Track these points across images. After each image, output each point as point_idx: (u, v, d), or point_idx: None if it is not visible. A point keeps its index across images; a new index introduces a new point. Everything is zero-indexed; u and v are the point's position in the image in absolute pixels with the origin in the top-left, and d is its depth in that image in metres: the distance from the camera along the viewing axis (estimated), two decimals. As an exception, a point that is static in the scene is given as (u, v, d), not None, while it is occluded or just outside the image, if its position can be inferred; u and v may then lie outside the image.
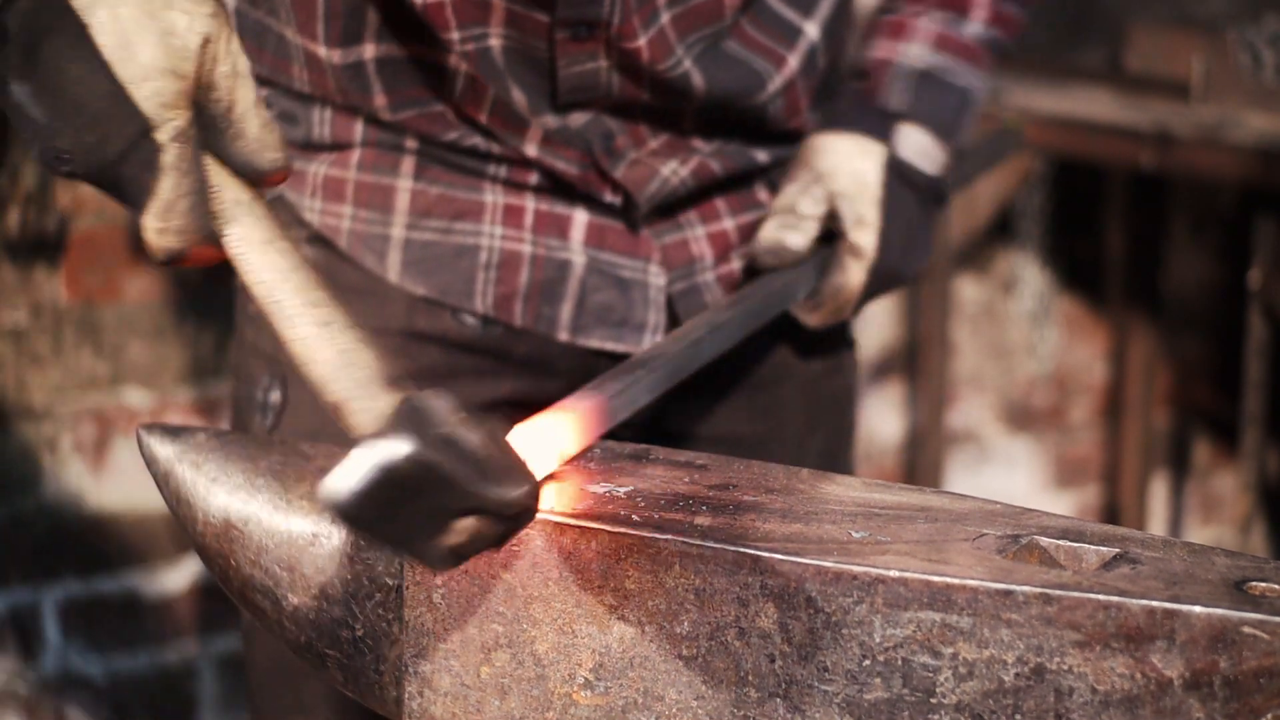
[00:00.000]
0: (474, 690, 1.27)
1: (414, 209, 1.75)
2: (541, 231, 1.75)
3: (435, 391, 1.20)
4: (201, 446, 1.45)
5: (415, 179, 1.74)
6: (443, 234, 1.75)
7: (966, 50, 1.85)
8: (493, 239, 1.75)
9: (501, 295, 1.75)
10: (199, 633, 2.81)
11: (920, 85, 1.83)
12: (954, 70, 1.84)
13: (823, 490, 1.31)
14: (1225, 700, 1.11)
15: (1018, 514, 1.26)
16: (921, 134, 1.83)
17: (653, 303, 1.78)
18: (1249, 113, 3.23)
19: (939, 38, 1.84)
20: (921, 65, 1.83)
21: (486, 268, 1.75)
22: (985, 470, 3.71)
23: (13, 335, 2.60)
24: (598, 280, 1.76)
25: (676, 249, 1.78)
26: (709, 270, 1.80)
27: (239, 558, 1.39)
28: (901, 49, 1.84)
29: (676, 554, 1.21)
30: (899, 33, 1.85)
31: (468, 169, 1.74)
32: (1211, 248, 3.80)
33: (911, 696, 1.17)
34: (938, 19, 1.85)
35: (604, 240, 1.76)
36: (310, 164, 1.76)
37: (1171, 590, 1.13)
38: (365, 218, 1.75)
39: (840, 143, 1.80)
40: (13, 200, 2.52)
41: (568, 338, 1.76)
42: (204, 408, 2.75)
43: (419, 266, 1.75)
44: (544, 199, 1.75)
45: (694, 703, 1.22)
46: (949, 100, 1.84)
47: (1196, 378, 3.85)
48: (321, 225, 1.76)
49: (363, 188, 1.75)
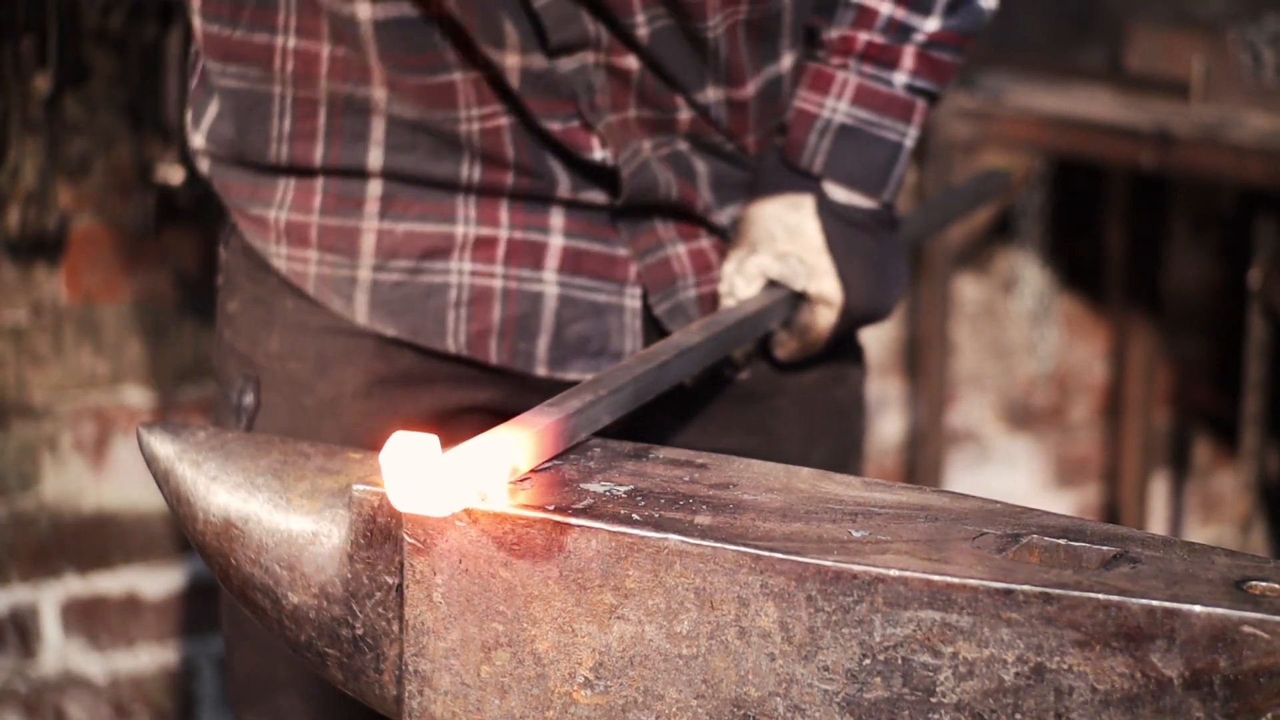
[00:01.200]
0: (474, 689, 1.27)
1: (380, 250, 1.71)
2: (514, 262, 1.72)
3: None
4: (202, 445, 1.45)
5: (380, 218, 1.71)
6: (411, 274, 1.72)
7: (893, 102, 1.77)
8: (462, 275, 1.71)
9: (475, 333, 1.72)
10: (199, 632, 2.81)
11: (837, 142, 1.77)
12: (879, 122, 1.77)
13: (823, 490, 1.31)
14: (1225, 699, 1.11)
15: (1018, 513, 1.26)
16: (839, 189, 1.78)
17: (628, 328, 1.75)
18: (1249, 113, 3.23)
19: (860, 91, 1.76)
20: (839, 120, 1.77)
21: (457, 305, 1.72)
22: (985, 470, 3.71)
23: (13, 334, 2.60)
24: (572, 311, 1.73)
25: (659, 268, 1.76)
26: (691, 288, 1.77)
27: (239, 556, 1.39)
28: (821, 102, 1.77)
29: (677, 553, 1.21)
30: (821, 84, 1.77)
31: (438, 182, 1.70)
32: (1211, 248, 3.80)
33: (912, 696, 1.17)
34: (861, 71, 1.77)
35: (580, 264, 1.73)
36: (270, 208, 1.74)
37: (1171, 590, 1.13)
38: (331, 261, 1.73)
39: (768, 207, 1.77)
40: (13, 199, 2.52)
41: (546, 372, 1.74)
42: (204, 407, 2.75)
43: (387, 308, 1.72)
44: (519, 210, 1.71)
45: (694, 702, 1.22)
46: (873, 156, 1.77)
47: (1196, 377, 3.85)
48: (289, 271, 1.74)
49: (327, 231, 1.72)
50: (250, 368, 1.77)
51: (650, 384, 1.51)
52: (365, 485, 1.32)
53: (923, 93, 1.78)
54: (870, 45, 1.75)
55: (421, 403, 1.73)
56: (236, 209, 1.76)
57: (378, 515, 1.31)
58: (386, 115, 1.68)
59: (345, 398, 1.74)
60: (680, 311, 1.76)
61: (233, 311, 1.80)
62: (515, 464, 1.30)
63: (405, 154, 1.69)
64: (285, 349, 1.75)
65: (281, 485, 1.39)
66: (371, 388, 1.73)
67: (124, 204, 2.63)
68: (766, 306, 1.72)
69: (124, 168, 2.62)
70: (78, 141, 2.59)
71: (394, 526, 1.30)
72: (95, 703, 2.73)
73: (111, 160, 2.62)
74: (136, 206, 2.62)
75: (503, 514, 1.25)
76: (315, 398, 1.74)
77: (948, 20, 1.77)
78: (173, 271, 2.70)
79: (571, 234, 1.73)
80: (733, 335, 1.67)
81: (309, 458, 1.42)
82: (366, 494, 1.32)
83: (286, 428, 1.74)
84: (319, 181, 1.72)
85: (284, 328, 1.75)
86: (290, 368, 1.75)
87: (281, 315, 1.75)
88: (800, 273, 1.74)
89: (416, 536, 1.27)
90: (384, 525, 1.31)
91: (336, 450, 1.44)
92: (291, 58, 1.68)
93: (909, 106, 1.77)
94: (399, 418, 1.70)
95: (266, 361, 1.76)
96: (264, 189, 1.73)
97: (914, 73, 1.77)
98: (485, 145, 1.68)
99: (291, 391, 1.75)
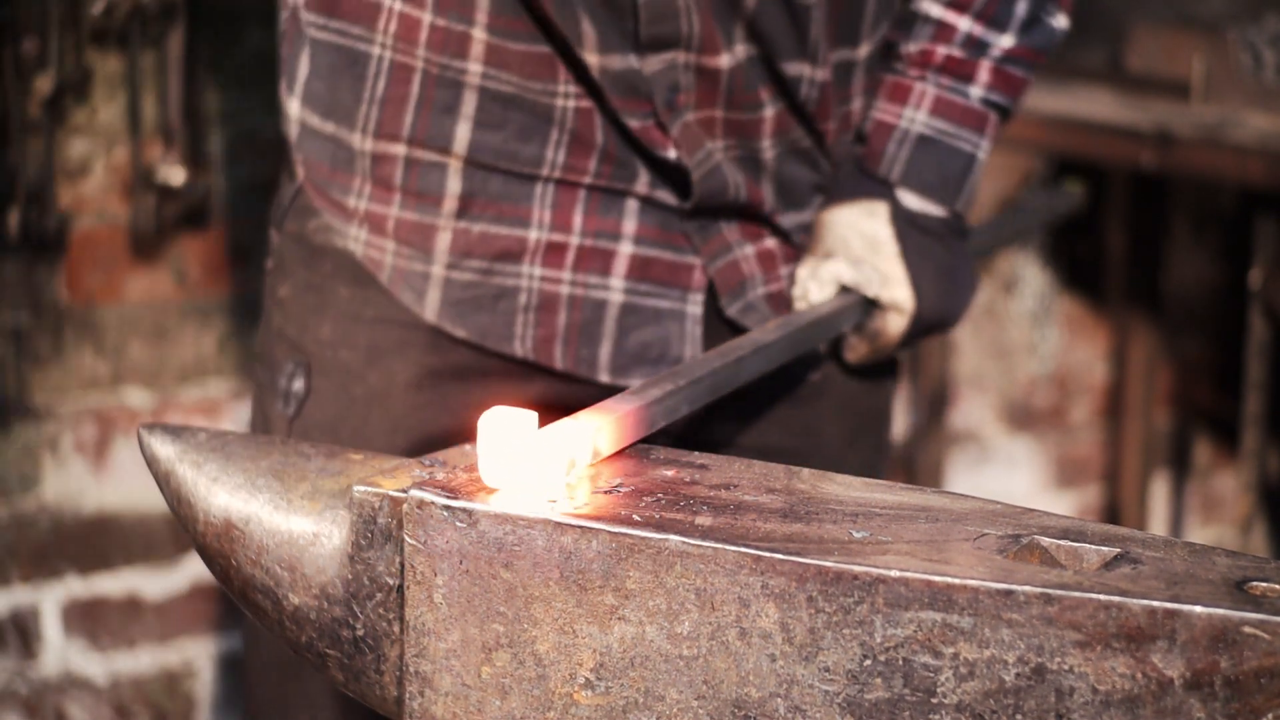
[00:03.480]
0: (475, 690, 1.27)
1: (455, 249, 1.73)
2: (582, 268, 1.74)
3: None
4: (202, 446, 1.45)
5: (458, 218, 1.73)
6: (484, 275, 1.74)
7: (970, 114, 1.82)
8: (532, 280, 1.74)
9: (541, 338, 1.75)
10: (199, 633, 2.81)
11: (916, 151, 1.81)
12: (956, 133, 1.82)
13: (823, 490, 1.31)
14: (1226, 700, 1.11)
15: (1018, 514, 1.26)
16: (915, 197, 1.82)
17: (688, 335, 1.78)
18: (1249, 113, 3.23)
19: (939, 102, 1.82)
20: (918, 130, 1.81)
21: (526, 310, 1.75)
22: (986, 470, 3.71)
23: (13, 335, 2.60)
24: (634, 319, 1.76)
25: (728, 270, 1.79)
26: (760, 286, 1.81)
27: (240, 557, 1.39)
28: (900, 112, 1.82)
29: (677, 554, 1.21)
30: (899, 95, 1.83)
31: (521, 167, 1.72)
32: (1211, 248, 3.80)
33: (912, 696, 1.17)
34: (939, 83, 1.82)
35: (646, 271, 1.76)
36: (349, 195, 1.75)
37: (1172, 590, 1.13)
38: (407, 254, 1.75)
39: (844, 213, 1.81)
40: (13, 200, 2.52)
41: (608, 379, 1.77)
42: (205, 408, 2.75)
43: (457, 308, 1.74)
44: (594, 208, 1.74)
45: (695, 702, 1.22)
46: (948, 164, 1.82)
47: (1197, 378, 3.85)
48: (365, 257, 1.76)
49: (404, 225, 1.74)
50: (300, 353, 1.78)
51: (727, 378, 1.56)
52: (366, 486, 1.32)
53: (996, 106, 1.84)
54: (949, 59, 1.81)
55: (472, 396, 1.75)
56: (316, 188, 1.78)
57: (378, 516, 1.31)
58: (480, 89, 1.70)
59: (396, 388, 1.75)
60: (753, 310, 1.80)
61: (283, 296, 1.81)
62: (597, 448, 1.33)
63: (493, 132, 1.71)
64: (337, 337, 1.77)
65: (282, 486, 1.39)
66: (422, 380, 1.75)
67: (124, 205, 2.64)
68: (839, 311, 1.77)
69: (124, 168, 2.62)
70: (78, 142, 2.59)
71: (394, 528, 1.30)
72: (96, 704, 2.73)
73: (111, 161, 2.62)
74: (137, 207, 2.62)
75: (504, 515, 1.25)
76: (365, 387, 1.76)
77: (1022, 38, 1.83)
78: (173, 272, 2.70)
79: (642, 240, 1.76)
80: (806, 336, 1.72)
81: (309, 459, 1.42)
82: (367, 495, 1.32)
83: (335, 415, 1.76)
84: (398, 174, 1.73)
85: (337, 316, 1.77)
86: (341, 356, 1.76)
87: (335, 303, 1.77)
88: (874, 279, 1.79)
89: (417, 537, 1.27)
90: (384, 526, 1.31)
91: (337, 451, 1.44)
92: (396, 20, 1.70)
93: (983, 119, 1.83)
94: (449, 411, 1.74)
95: (317, 348, 1.77)
96: (343, 174, 1.75)
97: (989, 87, 1.82)
98: (577, 125, 1.71)
99: (342, 380, 1.76)
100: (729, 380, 1.56)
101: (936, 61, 1.81)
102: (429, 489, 1.27)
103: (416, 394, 1.75)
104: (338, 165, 1.75)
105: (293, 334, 1.79)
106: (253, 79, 2.71)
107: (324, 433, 1.76)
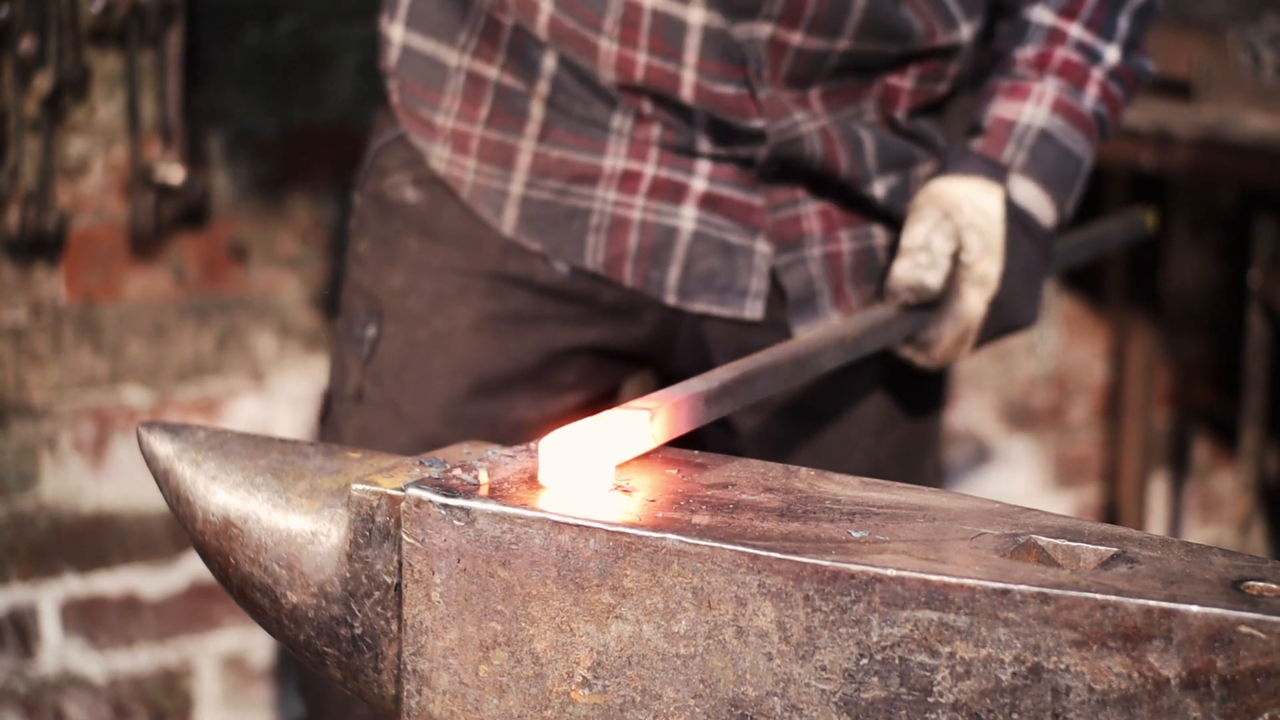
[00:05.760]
0: (472, 688, 1.27)
1: (534, 169, 1.83)
2: (656, 197, 1.82)
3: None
4: (201, 445, 1.45)
5: (539, 141, 1.83)
6: (558, 195, 1.83)
7: (1083, 120, 1.87)
8: (605, 204, 1.82)
9: (612, 255, 1.83)
10: (197, 632, 2.81)
11: (1038, 144, 1.85)
12: (1071, 135, 1.86)
13: (821, 489, 1.31)
14: (1222, 700, 1.11)
15: (1016, 513, 1.26)
16: (1034, 188, 1.85)
17: (756, 269, 1.84)
18: (1249, 113, 3.23)
19: (1058, 103, 1.86)
20: (1040, 125, 1.86)
21: (597, 230, 1.83)
22: (985, 470, 3.71)
23: (12, 334, 2.60)
24: (704, 247, 1.83)
25: (788, 224, 1.85)
26: (816, 246, 1.86)
27: (238, 556, 1.39)
28: (1020, 109, 1.86)
29: (674, 553, 1.21)
30: (1018, 94, 1.87)
31: (595, 121, 1.80)
32: (1211, 248, 3.80)
33: (909, 695, 1.17)
34: (1057, 85, 1.87)
35: (717, 206, 1.83)
36: (438, 113, 1.85)
37: (1169, 590, 1.13)
38: (488, 172, 1.84)
39: (960, 184, 1.83)
40: (13, 199, 2.52)
41: (675, 301, 1.84)
42: (203, 406, 2.75)
43: (534, 224, 1.84)
44: (665, 159, 1.81)
45: (691, 701, 1.22)
46: (1064, 163, 1.86)
47: (1196, 377, 3.85)
48: (447, 174, 1.86)
49: (487, 144, 1.84)
50: (374, 302, 1.89)
51: (787, 377, 1.60)
52: (364, 485, 1.32)
53: (1100, 121, 1.88)
54: (1066, 62, 1.87)
55: (528, 340, 1.86)
56: (406, 109, 1.88)
57: (376, 515, 1.31)
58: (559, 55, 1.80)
59: (457, 332, 1.86)
60: (800, 268, 1.85)
61: (361, 251, 1.92)
62: (653, 437, 1.34)
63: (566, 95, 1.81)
64: (406, 285, 1.87)
65: (280, 484, 1.39)
66: (482, 323, 1.85)
67: (123, 203, 2.64)
68: (894, 319, 1.79)
69: (123, 167, 2.62)
70: (77, 141, 2.59)
71: (392, 526, 1.30)
72: (94, 703, 2.73)
73: (110, 159, 2.62)
74: (135, 206, 2.62)
75: (501, 514, 1.25)
76: (429, 330, 1.86)
77: (1125, 58, 1.89)
78: (172, 271, 2.70)
79: (715, 180, 1.83)
80: (878, 332, 1.75)
81: (308, 457, 1.42)
82: (365, 493, 1.32)
83: (402, 359, 1.87)
84: (489, 94, 1.83)
85: (406, 265, 1.87)
86: (409, 303, 1.87)
87: (405, 254, 1.88)
88: (976, 246, 1.81)
89: (415, 536, 1.27)
90: (382, 525, 1.31)
91: (336, 450, 1.44)
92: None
93: (1092, 128, 1.88)
94: (506, 354, 1.85)
95: (388, 297, 1.88)
96: (435, 92, 1.85)
97: (1098, 99, 1.88)
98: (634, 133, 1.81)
99: (409, 324, 1.87)
100: (788, 379, 1.60)
101: (1054, 64, 1.86)
102: (427, 487, 1.27)
103: (476, 336, 1.85)
104: (431, 83, 1.85)
105: (368, 285, 1.90)
106: (252, 78, 2.71)
107: (392, 374, 1.87)
